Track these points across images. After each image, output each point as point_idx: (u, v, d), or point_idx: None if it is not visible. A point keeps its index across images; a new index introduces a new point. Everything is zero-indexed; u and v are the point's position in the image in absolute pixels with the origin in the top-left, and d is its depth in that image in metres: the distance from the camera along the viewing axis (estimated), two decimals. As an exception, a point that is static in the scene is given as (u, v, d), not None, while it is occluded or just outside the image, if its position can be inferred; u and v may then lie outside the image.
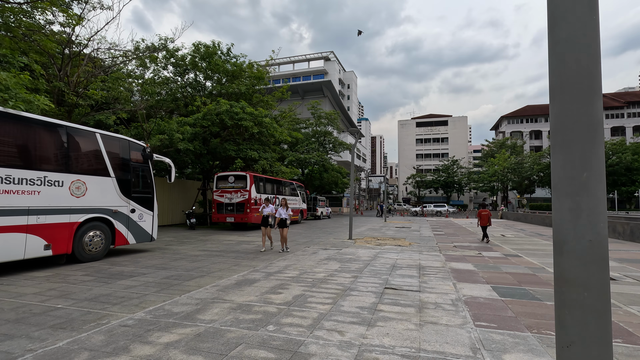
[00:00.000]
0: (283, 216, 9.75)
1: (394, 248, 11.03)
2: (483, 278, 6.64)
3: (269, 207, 10.18)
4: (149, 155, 9.75)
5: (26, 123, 6.85)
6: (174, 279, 6.28)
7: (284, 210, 9.81)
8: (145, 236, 9.54)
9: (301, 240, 13.06)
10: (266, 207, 10.19)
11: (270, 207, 10.18)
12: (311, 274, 6.84)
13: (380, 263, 8.19)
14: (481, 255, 9.79)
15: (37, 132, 7.04)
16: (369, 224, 24.51)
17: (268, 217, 10.11)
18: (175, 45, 19.57)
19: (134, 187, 9.24)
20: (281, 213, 9.79)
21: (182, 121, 17.03)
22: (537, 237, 15.42)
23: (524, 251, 10.62)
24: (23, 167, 6.70)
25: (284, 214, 9.78)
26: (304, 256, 9.16)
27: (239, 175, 17.38)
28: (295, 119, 34.88)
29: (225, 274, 6.75)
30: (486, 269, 7.65)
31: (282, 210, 9.81)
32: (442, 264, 8.23)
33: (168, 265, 7.71)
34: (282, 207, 9.86)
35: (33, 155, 6.94)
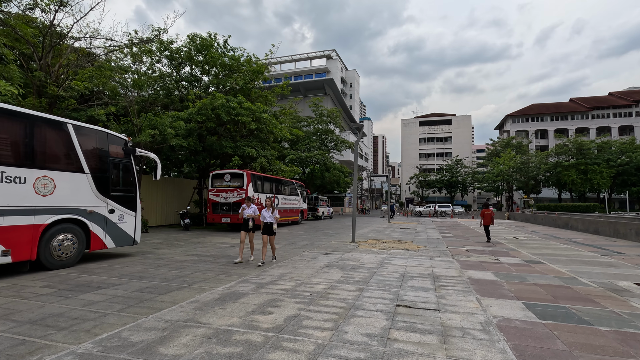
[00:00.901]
0: (268, 220, 7.81)
1: (401, 253, 10.06)
2: (510, 291, 5.67)
3: (250, 209, 8.20)
4: (131, 149, 8.81)
5: (-20, 110, 5.93)
6: (147, 292, 5.34)
7: (268, 212, 7.85)
8: (127, 239, 8.61)
9: (300, 243, 12.11)
10: (247, 209, 8.21)
11: (252, 208, 8.22)
12: (309, 285, 5.89)
13: (387, 271, 7.22)
14: (499, 261, 8.81)
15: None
16: (372, 225, 23.53)
17: (249, 220, 8.17)
18: (169, 37, 18.66)
19: (114, 184, 8.30)
20: (265, 216, 7.85)
21: (175, 116, 16.10)
22: (553, 239, 14.41)
23: (545, 257, 9.63)
24: (-25, 160, 5.77)
25: (268, 217, 7.83)
26: (302, 262, 8.21)
27: (236, 174, 16.44)
28: (297, 116, 33.96)
29: (209, 286, 5.81)
30: (510, 279, 6.67)
31: (267, 213, 7.85)
32: (458, 272, 7.26)
33: (146, 273, 6.77)
34: (267, 208, 7.89)
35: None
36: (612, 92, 69.73)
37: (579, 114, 66.28)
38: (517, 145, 53.85)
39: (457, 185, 65.55)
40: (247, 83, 20.14)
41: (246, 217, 8.16)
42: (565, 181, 44.00)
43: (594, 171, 41.94)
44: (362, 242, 12.62)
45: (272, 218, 7.86)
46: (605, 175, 41.63)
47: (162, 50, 18.84)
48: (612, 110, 64.86)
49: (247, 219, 8.21)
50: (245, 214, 8.19)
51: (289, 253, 9.72)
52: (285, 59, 75.13)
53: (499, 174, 48.63)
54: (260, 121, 18.62)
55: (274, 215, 7.92)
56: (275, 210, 8.01)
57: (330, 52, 77.82)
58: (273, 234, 7.95)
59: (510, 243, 13.03)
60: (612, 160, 42.88)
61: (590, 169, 42.23)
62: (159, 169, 9.54)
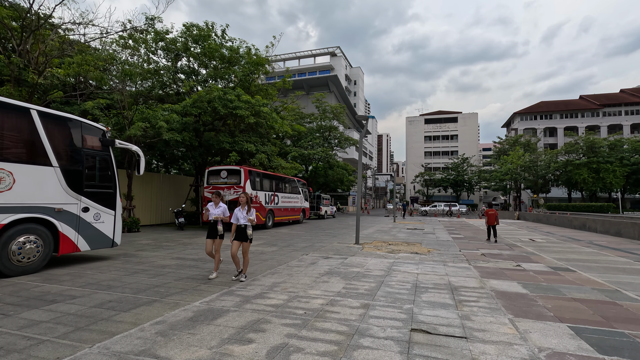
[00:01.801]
0: (241, 222, 5.91)
1: (410, 257, 9.07)
2: (547, 309, 4.67)
3: (218, 208, 6.22)
4: (110, 141, 7.91)
5: None
6: (108, 308, 4.42)
7: (242, 212, 5.96)
8: (104, 241, 7.71)
9: (300, 245, 11.16)
10: (214, 208, 6.22)
11: (221, 207, 6.24)
12: (304, 300, 4.93)
13: (397, 281, 6.24)
14: (522, 268, 7.79)
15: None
16: (377, 224, 22.53)
17: (216, 223, 6.18)
18: (164, 26, 17.76)
19: (88, 179, 7.40)
20: (238, 217, 5.95)
21: (168, 108, 15.21)
22: (573, 242, 13.33)
23: (573, 263, 8.59)
24: None
25: (242, 218, 5.93)
26: (299, 269, 7.25)
27: (233, 170, 15.53)
28: (299, 112, 33.00)
29: (185, 299, 4.87)
30: (541, 291, 5.67)
31: (240, 213, 5.96)
32: (479, 282, 6.26)
33: (118, 282, 5.86)
34: (241, 207, 6.02)
35: None
36: (623, 89, 67.93)
37: (589, 111, 64.63)
38: (525, 144, 52.49)
39: (463, 184, 64.27)
40: (246, 75, 19.18)
41: (212, 219, 6.16)
42: (576, 180, 42.65)
43: (607, 170, 40.56)
44: (367, 244, 11.65)
45: (245, 219, 5.93)
46: (618, 174, 40.24)
47: (157, 41, 17.94)
48: (623, 107, 63.14)
49: (213, 221, 6.20)
50: (211, 215, 6.17)
51: (285, 257, 8.77)
52: (288, 56, 74.23)
53: (507, 173, 47.36)
54: (259, 115, 17.68)
55: (249, 215, 5.96)
56: (252, 209, 6.06)
57: (335, 49, 76.74)
58: (247, 241, 5.94)
59: (528, 246, 11.98)
60: (625, 158, 41.44)
61: (602, 167, 40.85)
62: (142, 163, 8.63)
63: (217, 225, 6.18)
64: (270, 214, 17.48)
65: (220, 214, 6.21)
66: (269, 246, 10.77)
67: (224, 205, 6.30)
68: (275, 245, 10.92)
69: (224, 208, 6.27)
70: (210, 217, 6.18)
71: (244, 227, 5.94)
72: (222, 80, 20.10)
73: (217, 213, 6.20)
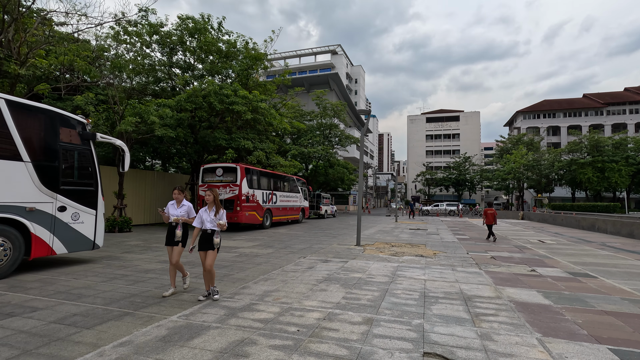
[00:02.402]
0: (208, 226, 4.72)
1: (415, 260, 8.45)
2: (579, 326, 4.05)
3: (181, 207, 5.08)
4: (90, 134, 7.29)
5: None
6: (69, 324, 3.81)
7: (209, 214, 4.75)
8: (84, 243, 7.10)
9: (297, 247, 10.54)
10: (175, 208, 5.09)
11: (184, 206, 5.09)
12: (298, 313, 4.31)
13: (403, 289, 5.62)
14: (538, 273, 7.17)
15: None
16: (378, 224, 21.91)
17: (176, 227, 4.98)
18: (158, 18, 17.14)
19: (65, 176, 6.79)
20: (203, 220, 4.76)
21: (162, 103, 14.58)
22: (585, 244, 12.69)
23: (591, 267, 7.96)
24: None
25: (208, 221, 4.73)
26: (295, 274, 6.63)
27: (229, 167, 14.92)
28: (299, 110, 32.38)
29: (162, 311, 4.26)
30: (566, 302, 5.05)
31: (207, 215, 4.75)
32: (494, 290, 5.64)
33: (91, 290, 5.25)
34: (208, 207, 4.82)
35: None
36: (628, 87, 67.10)
37: (592, 110, 63.86)
38: (528, 142, 51.77)
39: (465, 183, 63.61)
40: (243, 70, 18.54)
41: (171, 221, 4.99)
42: (580, 179, 41.95)
43: (612, 169, 39.85)
44: (369, 246, 11.03)
45: (213, 223, 4.71)
46: (623, 173, 39.52)
47: (151, 34, 17.30)
48: (628, 106, 62.34)
49: (173, 224, 5.01)
50: (171, 216, 5.01)
51: (281, 260, 8.15)
52: (289, 54, 73.57)
53: (510, 172, 46.66)
54: (257, 111, 17.08)
55: (218, 218, 4.71)
56: (221, 210, 4.78)
57: (336, 47, 76.06)
58: (213, 249, 4.71)
59: (539, 248, 11.35)
60: (631, 157, 40.71)
61: (607, 166, 40.13)
62: (126, 159, 8.00)
63: (175, 229, 4.95)
64: (267, 213, 16.87)
65: (181, 214, 5.04)
66: (264, 248, 10.15)
67: (188, 204, 5.18)
68: (271, 247, 10.31)
69: (187, 207, 5.13)
70: (170, 218, 5.02)
71: (210, 232, 4.69)
72: (219, 75, 19.49)
73: (177, 214, 5.02)
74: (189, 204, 5.19)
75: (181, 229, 4.98)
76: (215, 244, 4.71)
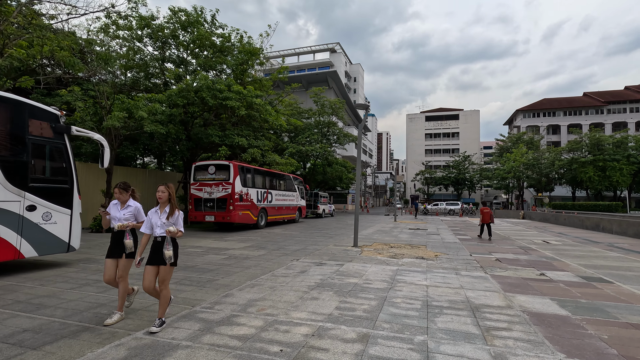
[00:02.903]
0: (157, 232, 3.67)
1: (416, 263, 7.92)
2: (605, 343, 3.52)
3: (124, 210, 4.03)
4: (64, 127, 6.73)
5: None
6: (13, 343, 3.26)
7: (159, 217, 3.69)
8: (57, 245, 6.54)
9: (291, 248, 10.00)
10: (118, 209, 4.03)
11: (130, 207, 4.06)
12: (284, 327, 3.77)
13: (403, 296, 5.09)
14: (548, 278, 6.64)
15: None
16: (377, 224, 21.39)
17: (124, 236, 3.91)
18: (149, 10, 16.55)
19: (35, 173, 6.24)
20: (154, 223, 3.70)
21: (152, 98, 14.01)
22: (592, 245, 12.18)
23: (603, 271, 7.44)
24: None
25: (159, 226, 3.66)
26: (286, 279, 6.09)
27: (221, 165, 14.36)
28: (297, 107, 31.83)
29: (127, 325, 3.72)
30: (585, 312, 4.52)
31: (157, 218, 3.70)
32: (503, 298, 5.11)
33: (55, 299, 4.70)
34: (160, 207, 3.75)
35: None
36: (628, 86, 66.72)
37: (593, 108, 63.43)
38: (528, 141, 51.30)
39: (464, 182, 63.11)
40: (238, 65, 17.96)
41: (115, 226, 3.91)
42: (581, 178, 41.49)
43: (613, 168, 39.39)
44: (366, 247, 10.50)
45: (162, 229, 3.62)
46: (625, 172, 39.08)
47: (142, 27, 16.70)
48: (628, 105, 61.93)
49: (115, 230, 3.94)
50: (114, 220, 3.97)
51: (272, 263, 7.61)
52: (288, 52, 72.92)
53: (510, 171, 46.18)
54: (252, 107, 16.50)
55: (171, 222, 3.64)
56: (176, 211, 3.70)
57: (334, 46, 75.46)
58: (166, 264, 3.61)
59: (544, 249, 10.83)
60: (632, 156, 40.26)
61: (609, 165, 39.68)
62: (106, 154, 7.43)
63: (123, 238, 3.90)
64: (262, 212, 16.32)
65: (125, 218, 3.96)
66: (256, 249, 9.61)
67: (135, 204, 4.08)
68: (263, 249, 9.77)
69: (134, 209, 4.04)
70: (113, 223, 3.93)
71: (160, 240, 3.62)
72: (214, 70, 18.90)
73: (122, 217, 3.95)
74: (137, 204, 4.12)
75: (131, 237, 3.92)
76: (167, 257, 3.55)
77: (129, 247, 3.91)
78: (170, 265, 3.66)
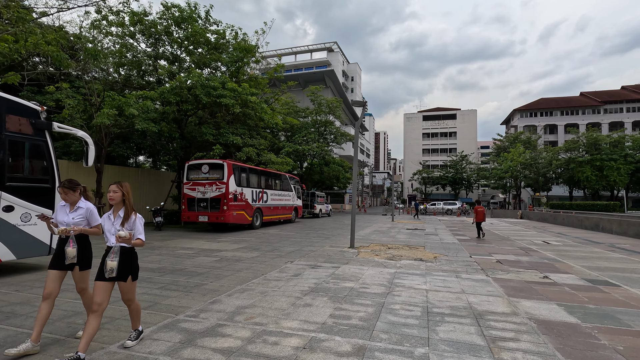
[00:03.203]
0: (111, 242, 3.03)
1: (415, 265, 7.64)
2: (622, 355, 3.24)
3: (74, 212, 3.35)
4: (45, 123, 6.39)
5: None
6: (-28, 358, 2.94)
7: (114, 223, 3.07)
8: (37, 247, 6.20)
9: (286, 250, 9.69)
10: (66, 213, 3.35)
11: (80, 209, 3.38)
12: (273, 338, 3.46)
13: (401, 302, 4.80)
14: (552, 281, 6.38)
15: None
16: (374, 224, 21.12)
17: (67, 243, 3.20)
18: (141, 5, 16.17)
19: (12, 171, 5.90)
20: (106, 230, 3.10)
21: (143, 95, 13.65)
22: (593, 245, 11.96)
23: (608, 273, 7.19)
24: None
25: (112, 233, 3.03)
26: (279, 283, 5.78)
27: (215, 164, 14.02)
28: (294, 106, 31.49)
29: (102, 337, 3.40)
30: (595, 319, 4.25)
31: (109, 223, 3.08)
32: (507, 304, 4.83)
33: (29, 306, 4.37)
34: (112, 211, 3.13)
35: None
36: (625, 85, 66.87)
37: (590, 108, 63.49)
38: (526, 141, 51.23)
39: (462, 182, 63.00)
40: (233, 62, 17.61)
41: (58, 232, 3.14)
42: (579, 178, 41.41)
43: (611, 167, 39.33)
44: (363, 248, 10.21)
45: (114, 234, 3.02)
46: (622, 172, 39.01)
47: (135, 23, 16.32)
48: (625, 104, 62.04)
49: (62, 237, 3.26)
50: (60, 225, 3.29)
51: (265, 265, 7.30)
52: (285, 51, 72.54)
53: (507, 170, 46.07)
54: (246, 105, 16.17)
55: (127, 229, 3.03)
56: (133, 216, 3.11)
57: (332, 45, 75.18)
58: (125, 279, 3.07)
59: (545, 250, 10.59)
60: (630, 156, 40.23)
61: (606, 165, 39.61)
62: (90, 152, 7.09)
63: (67, 246, 3.18)
64: (257, 212, 16.00)
65: (78, 222, 3.31)
66: (249, 251, 9.29)
67: (87, 205, 3.42)
68: (257, 250, 9.46)
69: (85, 211, 3.38)
70: (56, 229, 3.20)
71: (117, 249, 3.00)
72: (208, 68, 18.54)
73: (69, 221, 3.29)
74: (89, 205, 3.44)
75: (75, 245, 3.18)
76: (107, 269, 2.91)
77: (69, 257, 3.15)
78: (130, 280, 3.09)
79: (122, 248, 3.06)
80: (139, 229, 3.13)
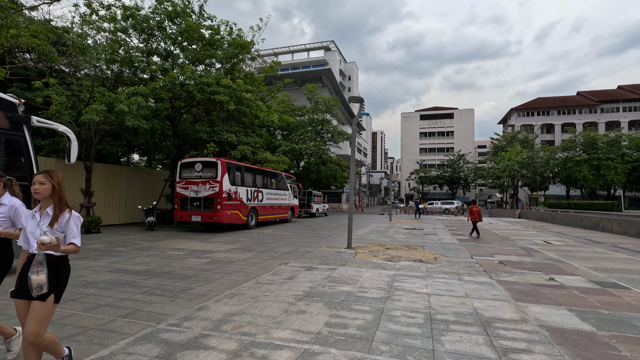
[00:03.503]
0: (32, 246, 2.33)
1: (414, 267, 7.32)
2: (647, 369, 2.93)
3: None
4: (22, 117, 6.00)
5: None
6: None
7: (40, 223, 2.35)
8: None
9: (281, 250, 9.35)
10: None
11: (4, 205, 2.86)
12: (261, 352, 3.12)
13: (402, 308, 4.47)
14: (559, 283, 6.08)
15: None
16: (371, 223, 20.82)
17: None
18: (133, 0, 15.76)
19: (-13, 168, 5.51)
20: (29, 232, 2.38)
21: (134, 91, 13.24)
22: (595, 245, 11.71)
23: (615, 274, 6.91)
24: None
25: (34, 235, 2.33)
26: (271, 287, 5.44)
27: (208, 162, 13.65)
28: (290, 104, 31.14)
29: (74, 350, 3.04)
30: (611, 327, 3.94)
31: (34, 224, 2.36)
32: (515, 309, 4.52)
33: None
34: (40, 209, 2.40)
35: None
36: (621, 85, 67.02)
37: (587, 107, 63.61)
38: (523, 140, 51.16)
39: (459, 181, 62.91)
40: (228, 58, 17.22)
41: None
42: (576, 177, 41.37)
43: (608, 167, 39.29)
44: (361, 249, 9.88)
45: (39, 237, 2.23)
46: (619, 171, 39.00)
47: (126, 18, 15.88)
48: (621, 104, 62.20)
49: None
50: None
51: (258, 268, 6.96)
52: (282, 50, 72.09)
53: (505, 170, 45.96)
54: (241, 102, 15.80)
55: (57, 231, 2.35)
56: (66, 213, 2.40)
57: (329, 44, 74.86)
58: (43, 299, 2.29)
59: (547, 250, 10.32)
60: (627, 155, 40.22)
61: (603, 164, 39.58)
62: (73, 148, 6.71)
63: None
64: (252, 212, 15.63)
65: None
66: (242, 252, 8.94)
67: (12, 201, 2.91)
68: (250, 251, 9.11)
69: (9, 209, 2.86)
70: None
71: (42, 259, 2.26)
72: (202, 64, 18.14)
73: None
74: (14, 201, 2.90)
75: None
76: (33, 285, 2.22)
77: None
78: (43, 300, 2.28)
79: (50, 257, 2.30)
80: (73, 231, 2.40)
